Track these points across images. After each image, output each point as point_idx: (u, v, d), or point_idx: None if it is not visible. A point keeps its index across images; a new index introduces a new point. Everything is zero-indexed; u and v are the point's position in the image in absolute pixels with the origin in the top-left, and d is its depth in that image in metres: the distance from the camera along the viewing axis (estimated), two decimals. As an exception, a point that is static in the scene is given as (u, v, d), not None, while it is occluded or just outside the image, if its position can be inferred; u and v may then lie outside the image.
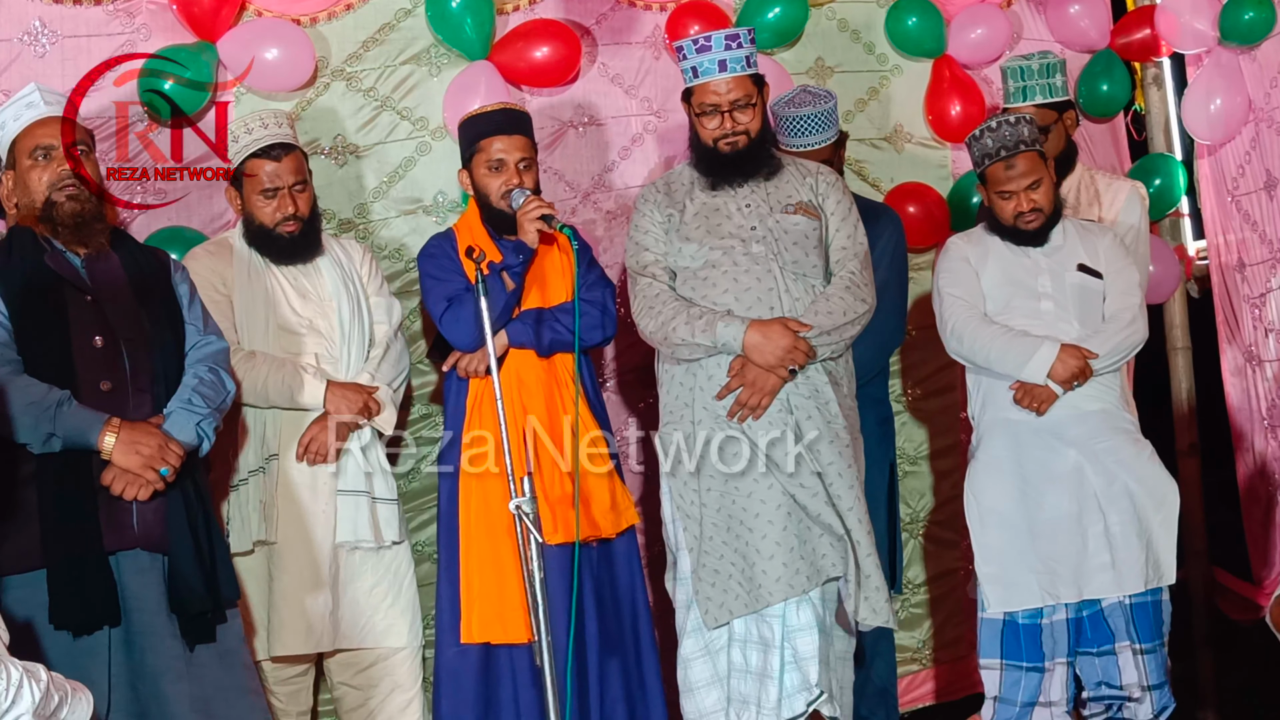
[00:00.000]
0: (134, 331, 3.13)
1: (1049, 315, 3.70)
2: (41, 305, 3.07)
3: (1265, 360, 4.73)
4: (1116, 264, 3.76)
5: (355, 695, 3.79)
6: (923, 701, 4.74)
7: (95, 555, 2.97)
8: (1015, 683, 3.69)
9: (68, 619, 2.93)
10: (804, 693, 3.45)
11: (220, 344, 3.32)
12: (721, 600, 3.52)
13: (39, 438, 2.97)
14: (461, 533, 3.71)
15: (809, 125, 4.07)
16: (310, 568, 3.61)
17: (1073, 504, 3.65)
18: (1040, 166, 3.71)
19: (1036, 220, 3.72)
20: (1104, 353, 3.65)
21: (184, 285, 3.31)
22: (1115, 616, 3.67)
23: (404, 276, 4.15)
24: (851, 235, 3.66)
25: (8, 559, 2.96)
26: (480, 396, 3.73)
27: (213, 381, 3.22)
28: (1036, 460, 3.68)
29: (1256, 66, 4.70)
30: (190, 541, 3.08)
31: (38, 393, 2.98)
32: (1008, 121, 3.71)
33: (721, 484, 3.54)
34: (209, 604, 3.10)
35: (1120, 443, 3.69)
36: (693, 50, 3.57)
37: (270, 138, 3.66)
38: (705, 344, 3.52)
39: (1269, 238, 4.69)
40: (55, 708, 2.39)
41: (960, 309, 3.75)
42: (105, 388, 3.07)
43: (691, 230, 3.62)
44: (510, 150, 3.71)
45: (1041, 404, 3.65)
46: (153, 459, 3.02)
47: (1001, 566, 3.68)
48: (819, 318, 3.51)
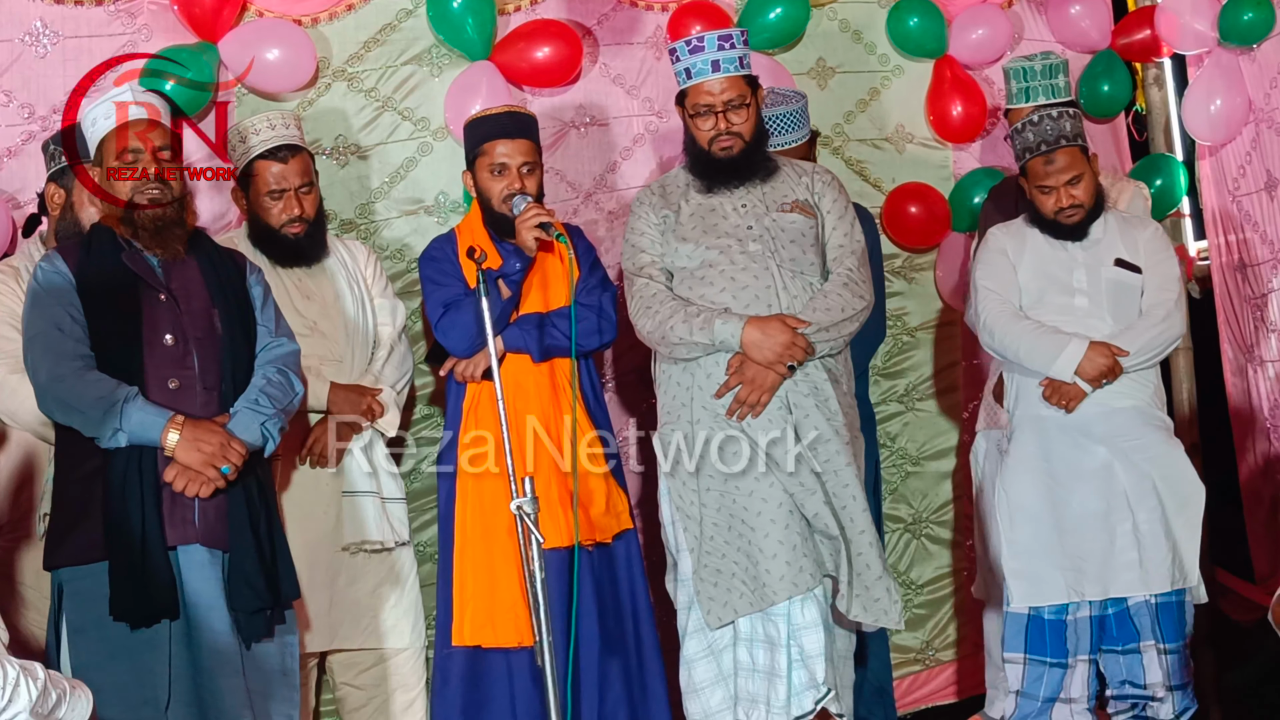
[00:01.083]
0: (205, 331, 3.18)
1: (1082, 310, 3.69)
2: (116, 303, 3.12)
3: (1267, 360, 4.73)
4: (1156, 257, 3.73)
5: (358, 695, 3.78)
6: (924, 702, 4.74)
7: (156, 549, 3.01)
8: (1038, 678, 3.69)
9: (126, 611, 2.98)
10: (812, 690, 3.45)
11: (291, 346, 3.35)
12: (725, 600, 3.51)
13: (106, 432, 3.02)
14: (456, 534, 3.71)
15: (780, 125, 4.08)
16: (305, 569, 3.60)
17: (1101, 501, 3.64)
18: (1081, 161, 3.69)
19: (1077, 215, 3.70)
20: (1135, 350, 3.63)
21: (258, 288, 3.35)
22: (1141, 615, 3.67)
23: (406, 277, 4.15)
24: (848, 233, 3.66)
25: (73, 550, 3.04)
26: (477, 398, 3.73)
27: (281, 383, 3.25)
28: (1065, 457, 3.68)
29: (1256, 67, 4.70)
30: (251, 539, 3.12)
31: (106, 388, 3.03)
32: (1049, 116, 3.68)
33: (721, 484, 3.53)
34: (268, 601, 3.13)
35: (1152, 440, 3.67)
36: (686, 51, 3.57)
37: (277, 139, 3.66)
38: (703, 342, 3.51)
39: (1270, 238, 4.70)
40: (54, 706, 2.40)
41: (994, 302, 3.74)
42: (173, 385, 3.12)
43: (688, 230, 3.62)
44: (513, 154, 3.70)
45: (1069, 401, 3.64)
46: (214, 457, 3.06)
47: (1028, 562, 3.67)
48: (817, 314, 3.51)
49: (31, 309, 3.13)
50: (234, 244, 3.73)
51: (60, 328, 3.07)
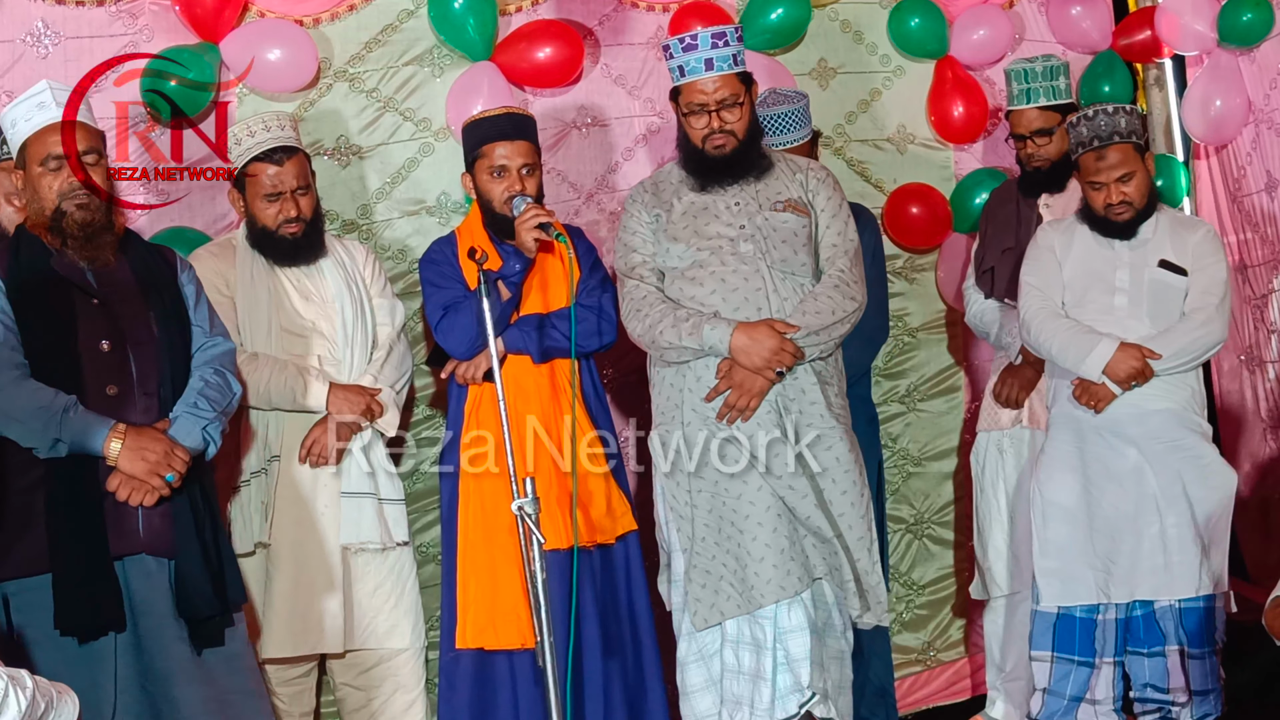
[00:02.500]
0: (142, 335, 3.11)
1: (1121, 311, 3.67)
2: (48, 309, 3.05)
3: (1267, 361, 4.74)
4: (1204, 260, 3.69)
5: (358, 696, 3.78)
6: (925, 703, 4.74)
7: (101, 560, 2.96)
8: (1065, 676, 3.69)
9: (73, 624, 2.92)
10: (796, 694, 3.44)
11: (227, 345, 3.29)
12: (713, 601, 3.51)
13: (45, 443, 2.95)
14: (459, 535, 3.71)
15: (782, 124, 4.07)
16: (306, 570, 3.60)
17: (1130, 504, 3.63)
18: (1134, 159, 3.67)
19: (1127, 213, 3.69)
20: (1169, 354, 3.59)
21: (190, 286, 3.28)
22: (1166, 619, 3.66)
23: (407, 277, 4.15)
24: (841, 232, 3.64)
25: (15, 563, 2.96)
26: (479, 398, 3.72)
27: (219, 384, 3.19)
28: (1098, 457, 3.67)
29: (1256, 68, 4.71)
30: (197, 546, 3.07)
31: (44, 397, 2.96)
32: (1105, 111, 3.67)
33: (712, 486, 3.52)
34: (217, 608, 3.08)
35: (1186, 444, 3.65)
36: (679, 49, 3.54)
37: (273, 141, 3.65)
38: (692, 347, 3.50)
39: (1270, 239, 4.70)
40: (42, 713, 2.37)
41: (1035, 299, 3.74)
42: (111, 392, 3.05)
43: (679, 230, 3.60)
44: (513, 156, 3.69)
45: (1099, 402, 3.63)
46: (158, 465, 3.00)
47: (1061, 561, 3.67)
48: (806, 318, 3.49)
49: None
50: (234, 244, 3.75)
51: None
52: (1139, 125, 3.70)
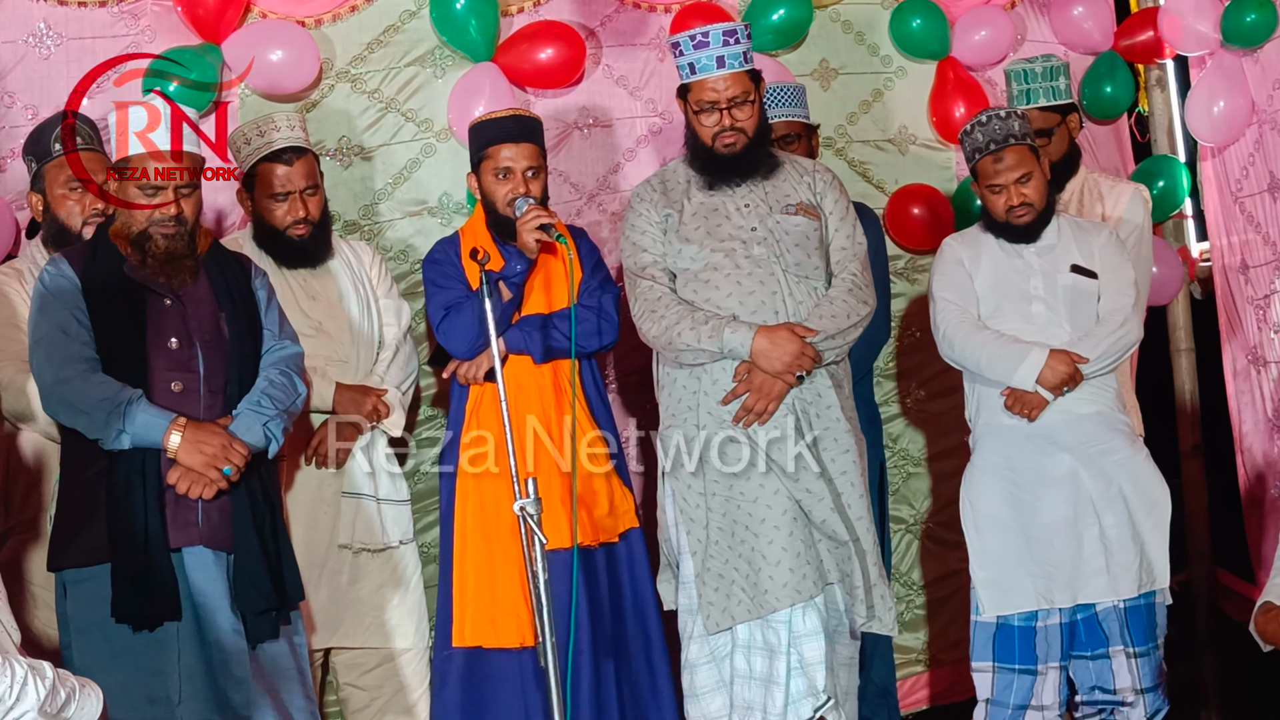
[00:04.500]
0: (211, 335, 3.19)
1: (1040, 318, 3.67)
2: (121, 306, 3.13)
3: (1270, 361, 4.74)
4: (1111, 262, 3.71)
5: (361, 696, 3.79)
6: (925, 703, 4.74)
7: (159, 552, 3.03)
8: (1007, 685, 3.68)
9: (128, 613, 3.00)
10: (810, 698, 3.44)
11: (295, 348, 3.36)
12: (724, 605, 3.50)
13: (109, 434, 3.04)
14: (456, 535, 3.71)
15: (776, 98, 4.10)
16: (305, 567, 3.60)
17: (1068, 508, 3.63)
18: (1030, 160, 3.67)
19: (1028, 215, 3.68)
20: (1094, 357, 3.61)
21: (262, 290, 3.36)
22: (1109, 620, 3.66)
23: (410, 278, 4.15)
24: (850, 235, 3.64)
25: (78, 552, 3.07)
26: (480, 398, 3.73)
27: (284, 384, 3.26)
28: (1031, 465, 3.67)
29: (1259, 69, 4.70)
30: (255, 540, 3.14)
31: (110, 390, 3.04)
32: (998, 116, 3.67)
33: (726, 488, 3.53)
34: (274, 602, 3.16)
35: (1116, 445, 3.67)
36: (690, 46, 3.54)
37: (283, 141, 3.66)
38: (711, 349, 3.50)
39: (1272, 239, 4.70)
40: (63, 704, 2.40)
41: (952, 313, 3.72)
42: (176, 388, 3.13)
43: (691, 231, 3.60)
44: (518, 158, 3.69)
45: (1032, 410, 3.63)
46: (216, 458, 3.07)
47: (998, 571, 3.67)
48: (824, 321, 3.50)
49: (38, 312, 3.14)
50: (239, 245, 3.74)
51: (65, 331, 3.09)
52: (1031, 129, 3.71)
